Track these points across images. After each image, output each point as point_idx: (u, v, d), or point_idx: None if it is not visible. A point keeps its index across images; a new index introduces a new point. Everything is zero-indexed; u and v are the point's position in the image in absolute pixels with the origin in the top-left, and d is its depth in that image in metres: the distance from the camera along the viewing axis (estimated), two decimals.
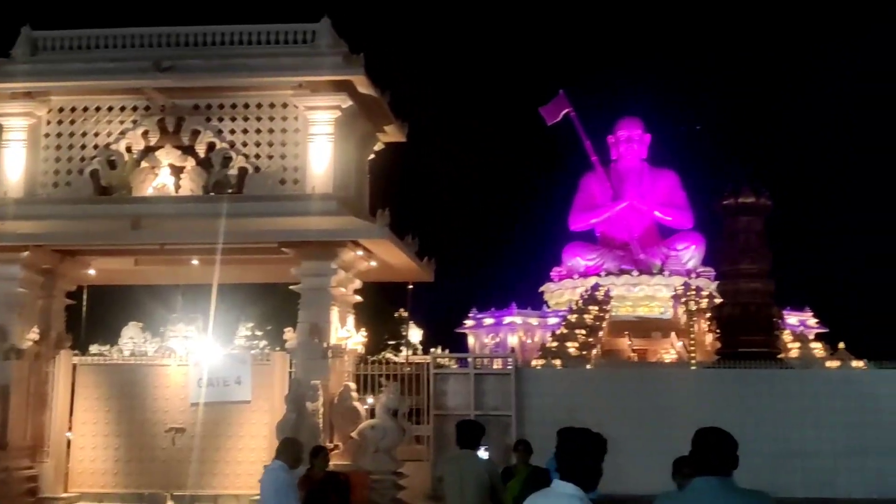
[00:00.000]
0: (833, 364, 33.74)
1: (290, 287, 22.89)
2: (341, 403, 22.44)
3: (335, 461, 21.98)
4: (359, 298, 24.46)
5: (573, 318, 48.55)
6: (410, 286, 29.50)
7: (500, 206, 77.31)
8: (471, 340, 57.46)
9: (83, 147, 23.68)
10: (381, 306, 48.65)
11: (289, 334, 22.74)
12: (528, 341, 55.79)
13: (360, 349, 24.67)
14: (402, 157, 29.13)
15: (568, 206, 62.21)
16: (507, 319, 55.60)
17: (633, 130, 61.79)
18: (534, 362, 32.38)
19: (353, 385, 23.12)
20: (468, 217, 74.74)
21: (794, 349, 42.47)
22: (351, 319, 24.12)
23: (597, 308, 51.13)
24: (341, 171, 23.53)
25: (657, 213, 60.86)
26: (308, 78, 22.92)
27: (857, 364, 31.63)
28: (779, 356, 34.29)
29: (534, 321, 56.01)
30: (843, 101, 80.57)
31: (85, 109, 23.76)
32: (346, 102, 22.99)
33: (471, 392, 24.11)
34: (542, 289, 60.72)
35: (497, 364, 26.12)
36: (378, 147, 26.16)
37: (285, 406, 21.50)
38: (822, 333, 52.19)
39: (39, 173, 23.56)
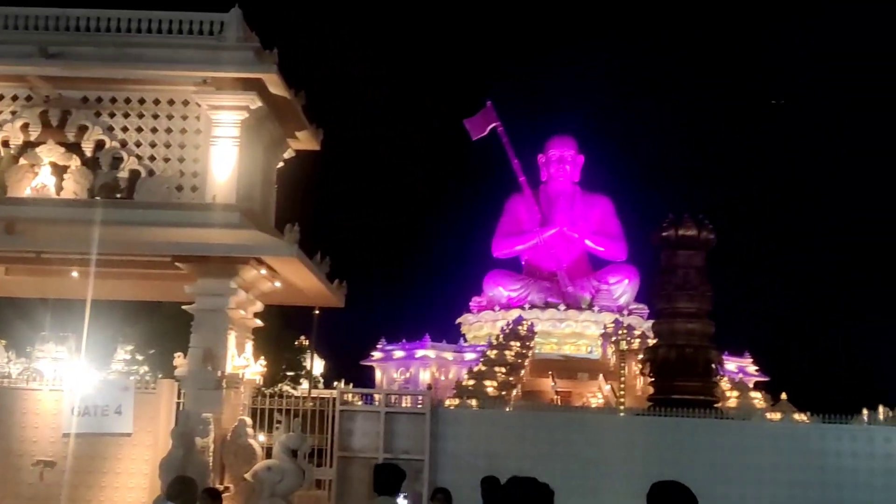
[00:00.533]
0: (774, 416, 34.42)
1: (183, 307, 22.60)
2: (235, 440, 22.18)
3: None
4: (259, 323, 24.28)
5: (493, 353, 48.85)
6: (317, 312, 29.46)
7: (416, 226, 77.35)
8: (378, 375, 57.44)
9: None
10: (279, 332, 48.33)
11: (178, 360, 22.46)
12: (442, 378, 55.96)
13: (259, 380, 24.47)
14: (313, 167, 28.99)
15: (491, 231, 62.76)
16: (420, 353, 55.75)
17: (565, 150, 62.58)
18: (448, 401, 32.43)
19: (248, 420, 22.89)
20: (381, 237, 74.72)
21: (732, 398, 43.37)
22: (249, 346, 23.92)
23: (519, 344, 51.53)
24: (246, 179, 23.37)
25: (588, 243, 61.66)
26: (213, 74, 22.73)
27: (800, 417, 32.29)
28: (716, 405, 34.84)
29: (449, 356, 56.25)
30: (793, 128, 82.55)
31: None
32: (256, 103, 22.84)
33: (380, 432, 24.05)
34: (459, 320, 61.06)
35: (410, 402, 26.11)
36: (288, 155, 26.06)
37: (171, 441, 21.20)
38: (761, 382, 53.35)
39: None
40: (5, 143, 23.16)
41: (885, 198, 77.37)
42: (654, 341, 36.97)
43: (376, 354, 57.33)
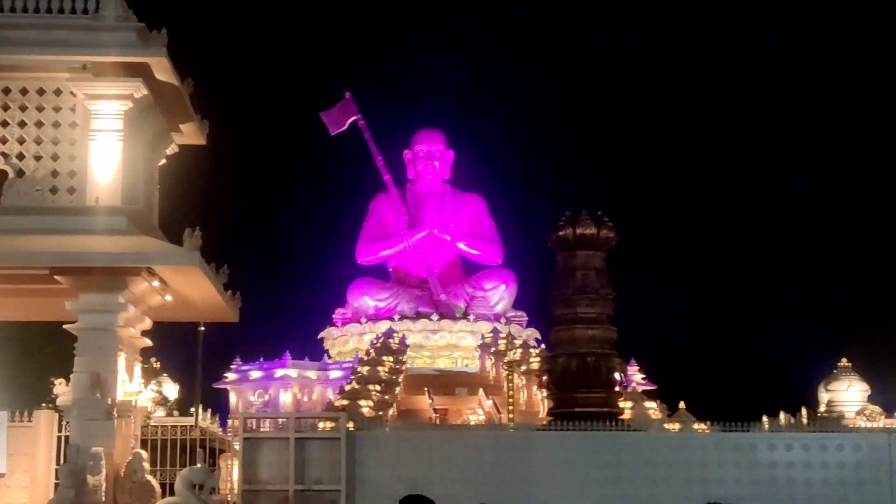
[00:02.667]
0: (673, 426, 34.88)
1: (65, 326, 21.65)
2: (130, 476, 21.42)
3: None
4: (148, 342, 23.48)
5: (364, 370, 48.31)
6: (202, 328, 28.59)
7: (273, 231, 75.79)
8: (233, 399, 56.28)
9: None
10: None
11: (60, 387, 21.55)
12: (306, 399, 55.19)
13: (150, 407, 23.64)
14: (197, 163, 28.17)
15: (355, 235, 62.13)
16: (280, 372, 54.81)
17: (433, 145, 62.35)
18: (321, 425, 31.86)
19: (144, 453, 22.06)
20: (236, 243, 73.15)
21: (626, 408, 43.90)
22: (138, 369, 23.10)
23: (392, 359, 51.15)
24: (131, 178, 22.59)
25: (461, 246, 61.58)
26: (92, 58, 21.96)
27: (700, 427, 32.79)
28: (621, 416, 35.14)
29: (312, 374, 55.45)
30: (686, 118, 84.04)
31: None
32: (141, 91, 22.14)
33: (290, 462, 23.40)
34: (321, 335, 60.29)
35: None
36: (171, 150, 25.27)
37: (58, 480, 20.32)
38: (649, 391, 54.20)
39: None
40: None
41: (790, 197, 79.78)
42: (555, 351, 36.79)
43: (230, 376, 56.07)
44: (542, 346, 54.72)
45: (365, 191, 63.38)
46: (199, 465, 21.58)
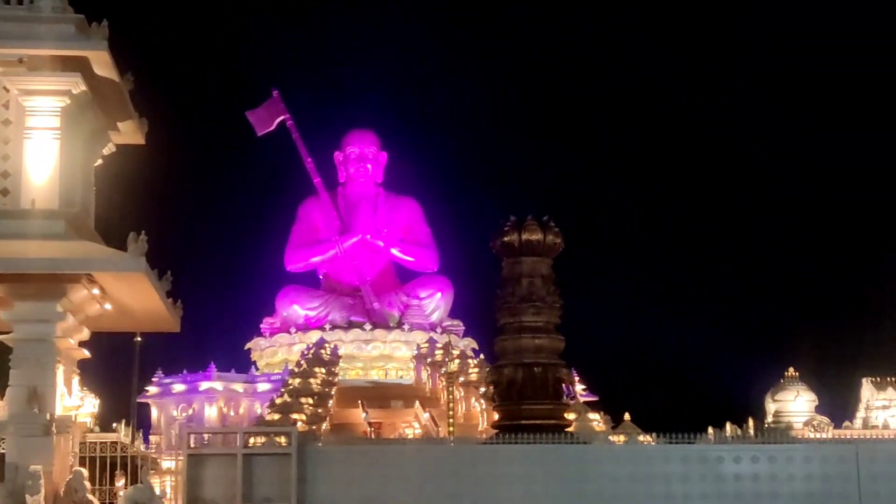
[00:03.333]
0: (618, 438, 34.92)
1: (0, 337, 21.13)
2: (70, 496, 20.97)
3: None
4: (86, 354, 22.98)
5: (296, 382, 47.93)
6: (138, 338, 28.07)
7: (198, 235, 74.60)
8: (154, 413, 55.54)
9: None
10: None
11: None
12: (232, 413, 54.62)
13: (90, 422, 23.19)
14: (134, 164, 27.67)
15: (284, 241, 61.65)
16: (205, 385, 54.17)
17: (365, 147, 62.07)
18: (252, 440, 31.42)
19: (84, 472, 21.61)
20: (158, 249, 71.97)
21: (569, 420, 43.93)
22: (76, 382, 22.62)
23: (324, 371, 50.79)
24: (69, 179, 22.12)
25: (395, 252, 61.40)
26: (28, 51, 21.50)
27: (645, 439, 32.85)
28: (567, 428, 35.10)
29: (239, 387, 54.87)
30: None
31: None
32: (79, 87, 21.72)
33: (238, 479, 22.99)
34: (249, 346, 59.79)
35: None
36: (108, 150, 24.80)
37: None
38: (590, 402, 54.33)
39: None
40: None
41: (734, 204, 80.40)
42: (500, 361, 36.53)
43: (152, 389, 55.28)
44: (481, 356, 54.69)
45: (294, 194, 63.01)
46: (142, 484, 21.14)
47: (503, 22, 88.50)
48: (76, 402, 21.96)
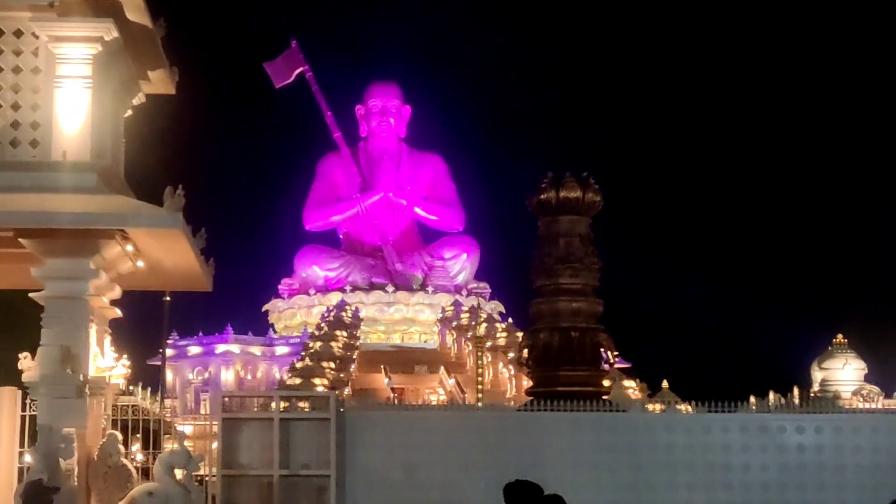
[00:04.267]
0: (655, 407, 34.97)
1: (31, 294, 21.14)
2: (104, 460, 21.00)
3: None
4: (118, 313, 22.97)
5: (317, 346, 48.20)
6: (167, 298, 28.10)
7: (214, 191, 74.57)
8: (169, 376, 55.86)
9: None
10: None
11: (25, 362, 20.98)
12: (249, 377, 54.99)
13: (122, 384, 23.24)
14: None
15: (303, 199, 61.78)
16: (221, 348, 54.57)
17: (387, 100, 62.11)
18: (273, 405, 31.59)
19: (119, 435, 21.66)
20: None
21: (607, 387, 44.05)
22: (108, 342, 22.65)
23: (345, 334, 51.01)
24: (100, 130, 22.02)
25: (419, 211, 61.54)
26: None
27: (685, 407, 32.88)
28: (606, 396, 35.18)
29: (256, 350, 55.29)
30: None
31: None
32: (112, 33, 21.49)
33: (275, 444, 23.08)
34: (266, 307, 60.12)
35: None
36: (138, 101, 24.72)
37: (31, 464, 19.94)
38: (623, 368, 54.40)
39: None
40: None
41: (784, 171, 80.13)
42: (535, 325, 36.53)
43: (167, 352, 55.56)
44: (509, 319, 54.81)
45: (314, 149, 63.08)
46: (179, 448, 21.22)
47: None
48: (109, 362, 21.99)
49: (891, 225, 75.28)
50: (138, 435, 24.06)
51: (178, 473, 21.32)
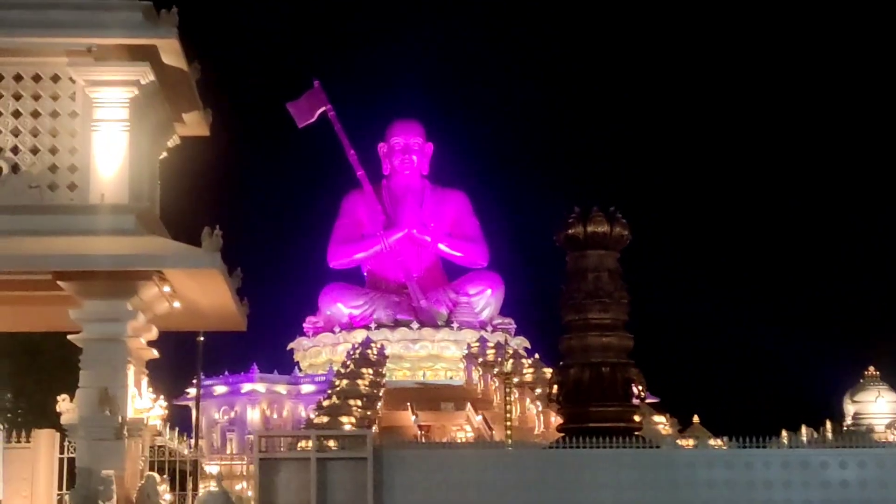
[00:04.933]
0: (687, 442, 34.83)
1: (69, 337, 21.28)
2: (143, 502, 21.05)
3: None
4: (155, 354, 23.08)
5: (343, 383, 48.16)
6: (201, 338, 28.18)
7: (239, 229, 74.49)
8: (195, 415, 55.88)
9: None
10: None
11: (64, 404, 21.09)
12: (274, 416, 54.97)
13: (159, 425, 23.32)
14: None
15: (327, 236, 61.95)
16: (247, 387, 54.60)
17: (410, 137, 62.31)
18: (301, 444, 31.62)
19: (158, 477, 21.73)
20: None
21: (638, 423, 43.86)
22: (145, 383, 22.76)
23: (371, 371, 51.02)
24: (137, 172, 22.19)
25: (443, 247, 61.59)
26: (95, 40, 21.48)
27: (716, 442, 32.71)
28: (638, 432, 35.04)
29: (282, 389, 55.31)
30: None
31: None
32: (148, 76, 21.70)
33: (312, 484, 23.13)
34: (291, 346, 60.15)
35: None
36: (173, 143, 24.91)
37: None
38: (651, 404, 54.20)
39: None
40: None
41: (808, 200, 79.82)
42: (564, 361, 36.42)
43: (192, 391, 55.63)
44: (536, 355, 54.75)
45: (337, 187, 63.27)
46: (217, 489, 21.30)
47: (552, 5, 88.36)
48: (147, 403, 22.08)
49: None
50: (165, 476, 24.09)
51: None
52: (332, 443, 31.38)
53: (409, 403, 51.74)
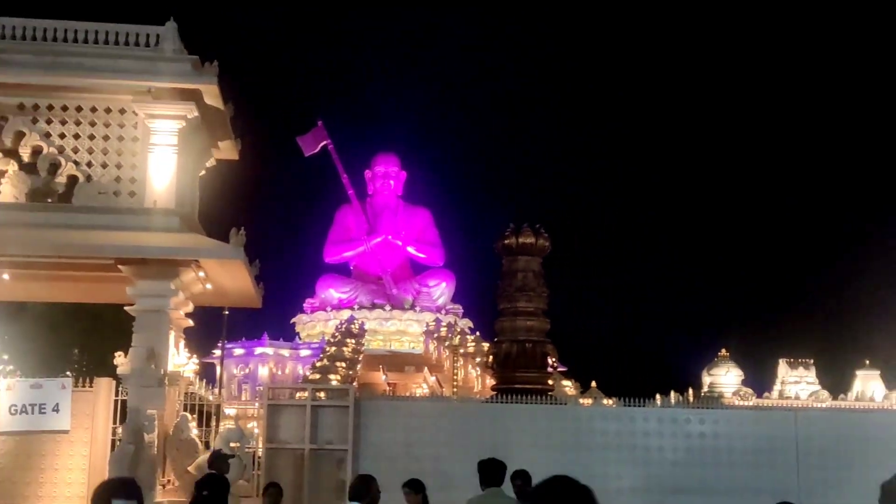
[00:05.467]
0: (586, 401, 34.85)
1: (126, 308, 21.00)
2: (177, 435, 20.81)
3: (169, 498, 20.34)
4: (190, 322, 22.81)
5: (332, 350, 47.73)
6: (226, 312, 27.87)
7: (253, 236, 74.52)
8: (218, 371, 55.33)
9: None
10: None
11: (120, 360, 20.82)
12: (279, 373, 54.39)
13: (192, 377, 23.05)
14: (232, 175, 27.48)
15: (323, 238, 61.49)
16: (259, 350, 53.91)
17: (389, 166, 62.00)
18: (298, 394, 31.40)
19: (189, 416, 21.45)
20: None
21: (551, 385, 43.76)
22: (182, 345, 22.49)
23: (353, 341, 50.62)
24: (182, 185, 21.98)
25: (410, 249, 61.23)
26: (153, 84, 21.28)
27: (608, 402, 32.73)
28: (550, 392, 35.01)
29: (285, 352, 54.61)
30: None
31: None
32: (193, 113, 21.53)
33: (307, 424, 22.90)
34: (293, 320, 59.51)
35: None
36: (210, 164, 24.64)
37: (122, 438, 19.72)
38: (562, 371, 54.19)
39: None
40: None
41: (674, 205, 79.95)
42: (498, 337, 36.35)
43: (217, 352, 55.08)
44: (476, 333, 54.58)
45: (332, 201, 62.80)
46: (234, 426, 21.02)
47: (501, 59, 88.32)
48: (183, 360, 21.82)
49: (764, 266, 75.98)
50: (195, 415, 23.82)
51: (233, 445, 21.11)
52: (322, 394, 31.09)
53: (381, 366, 51.38)
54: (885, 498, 9.58)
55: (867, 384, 47.82)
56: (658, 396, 32.58)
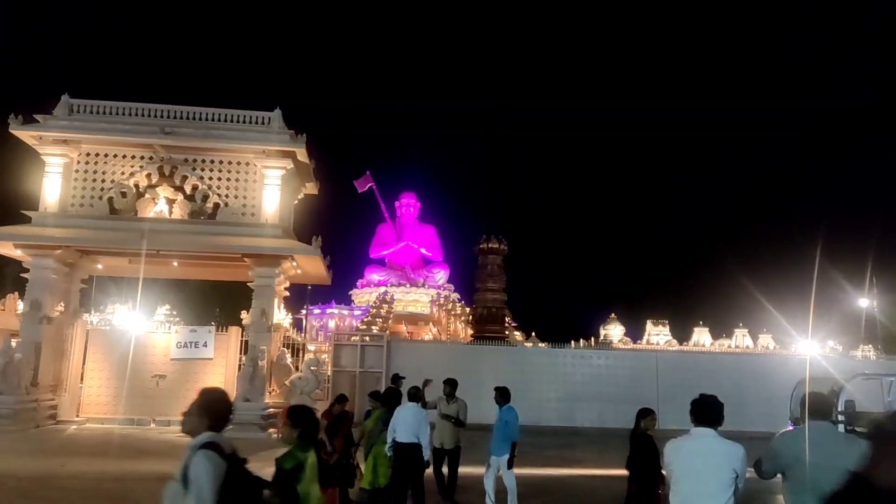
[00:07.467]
0: (529, 345, 35.03)
1: (248, 284, 21.09)
2: (278, 362, 20.91)
3: (273, 399, 20.43)
4: (287, 293, 22.89)
5: (374, 311, 47.73)
6: (309, 287, 27.82)
7: (331, 244, 74.62)
8: (304, 324, 55.20)
9: (103, 181, 20.87)
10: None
11: (245, 315, 20.93)
12: (341, 325, 54.21)
13: (288, 326, 23.11)
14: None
15: (369, 243, 61.64)
16: (329, 311, 53.84)
17: (410, 199, 61.98)
18: (352, 338, 31.46)
19: (287, 351, 21.55)
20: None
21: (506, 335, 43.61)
22: (282, 307, 22.56)
23: (387, 306, 50.65)
24: (284, 210, 22.07)
25: (422, 251, 61.28)
26: (267, 147, 21.39)
27: (543, 345, 32.76)
28: (506, 339, 35.09)
29: (345, 312, 54.50)
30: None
31: (106, 155, 20.97)
32: (290, 165, 21.64)
33: (357, 357, 22.99)
34: (350, 292, 59.43)
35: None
36: (300, 197, 24.71)
37: (245, 363, 19.81)
38: (514, 325, 54.14)
39: (70, 197, 20.52)
40: (136, 185, 21.08)
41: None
42: (475, 305, 36.64)
43: (304, 311, 55.00)
44: (462, 302, 54.67)
45: (374, 220, 62.95)
46: (304, 372, 20.87)
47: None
48: (282, 316, 21.85)
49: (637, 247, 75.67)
50: (288, 351, 23.86)
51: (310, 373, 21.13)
52: (367, 338, 31.13)
53: (403, 322, 51.12)
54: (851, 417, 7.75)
55: (700, 336, 47.88)
56: (573, 342, 32.83)
